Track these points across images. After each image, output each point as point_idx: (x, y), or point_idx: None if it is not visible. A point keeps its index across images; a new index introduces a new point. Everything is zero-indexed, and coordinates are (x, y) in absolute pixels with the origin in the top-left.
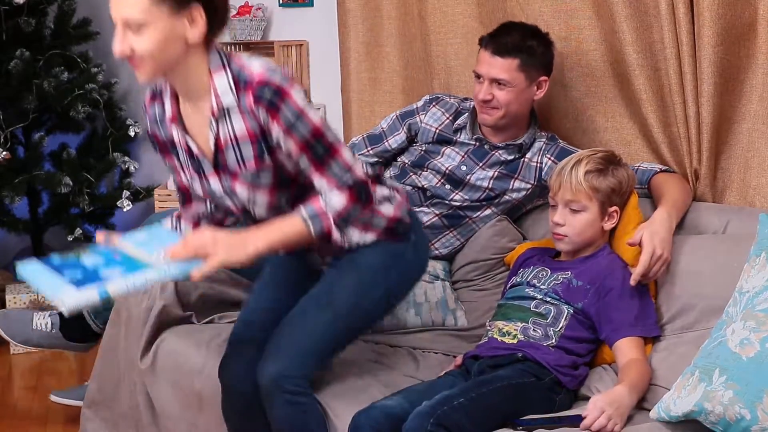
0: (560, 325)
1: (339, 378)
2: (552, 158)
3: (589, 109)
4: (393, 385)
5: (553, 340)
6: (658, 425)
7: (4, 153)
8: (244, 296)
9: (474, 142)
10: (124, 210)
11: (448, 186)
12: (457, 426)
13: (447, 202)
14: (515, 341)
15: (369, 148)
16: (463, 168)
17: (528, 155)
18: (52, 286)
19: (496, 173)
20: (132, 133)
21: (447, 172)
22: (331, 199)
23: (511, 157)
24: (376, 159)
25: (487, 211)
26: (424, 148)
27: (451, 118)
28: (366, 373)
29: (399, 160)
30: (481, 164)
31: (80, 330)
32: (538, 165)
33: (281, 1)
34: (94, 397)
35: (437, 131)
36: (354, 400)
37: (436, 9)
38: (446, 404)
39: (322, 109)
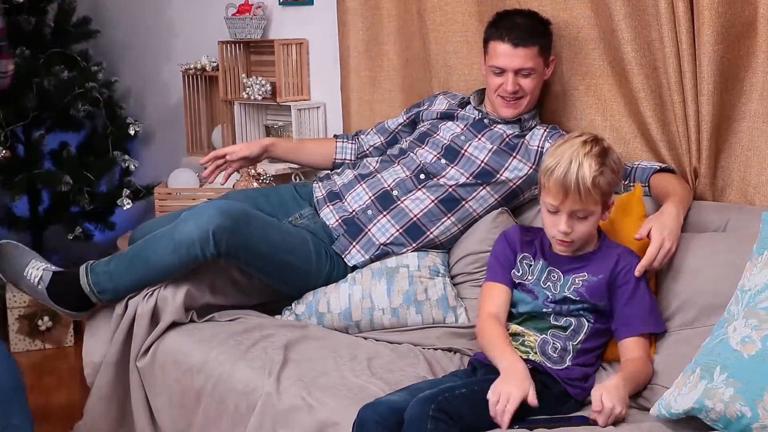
0: (578, 339)
1: (338, 376)
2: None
3: (587, 108)
4: (393, 382)
5: (570, 355)
6: (658, 424)
7: (5, 151)
8: (242, 298)
9: (476, 114)
10: (125, 208)
11: (444, 161)
12: (457, 413)
13: (441, 183)
14: (529, 357)
15: (373, 128)
16: (462, 138)
17: (528, 137)
18: None
19: (495, 147)
20: (132, 132)
21: (445, 143)
22: None
23: (510, 132)
24: (378, 139)
25: (482, 192)
26: (427, 126)
27: (456, 103)
28: (365, 370)
29: (401, 141)
30: (479, 136)
31: (76, 297)
32: (539, 149)
33: (281, 0)
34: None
35: (442, 110)
36: (354, 398)
37: (436, 7)
38: (448, 392)
39: (321, 107)
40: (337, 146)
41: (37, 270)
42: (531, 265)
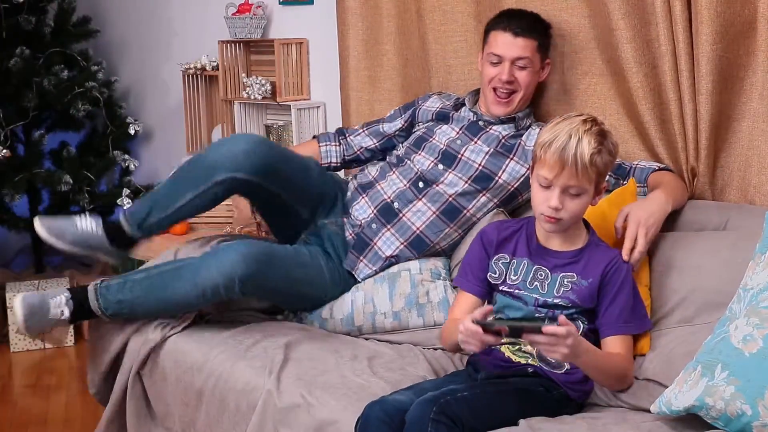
0: None
1: (338, 375)
2: None
3: (585, 107)
4: (393, 382)
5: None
6: (658, 423)
7: (5, 151)
8: (244, 304)
9: (471, 116)
10: (124, 208)
11: (441, 166)
12: (458, 416)
13: (441, 190)
14: (528, 362)
15: (364, 129)
16: (458, 142)
17: (524, 138)
18: None
19: (492, 150)
20: (132, 131)
21: (442, 148)
22: None
23: (506, 133)
24: (371, 141)
25: (483, 199)
26: (423, 130)
27: (451, 104)
28: (366, 369)
29: (397, 145)
30: (475, 139)
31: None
32: None
33: (281, 0)
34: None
35: (437, 110)
36: (354, 397)
37: (435, 7)
38: (450, 395)
39: (321, 107)
40: (321, 151)
41: (57, 308)
42: (508, 263)
